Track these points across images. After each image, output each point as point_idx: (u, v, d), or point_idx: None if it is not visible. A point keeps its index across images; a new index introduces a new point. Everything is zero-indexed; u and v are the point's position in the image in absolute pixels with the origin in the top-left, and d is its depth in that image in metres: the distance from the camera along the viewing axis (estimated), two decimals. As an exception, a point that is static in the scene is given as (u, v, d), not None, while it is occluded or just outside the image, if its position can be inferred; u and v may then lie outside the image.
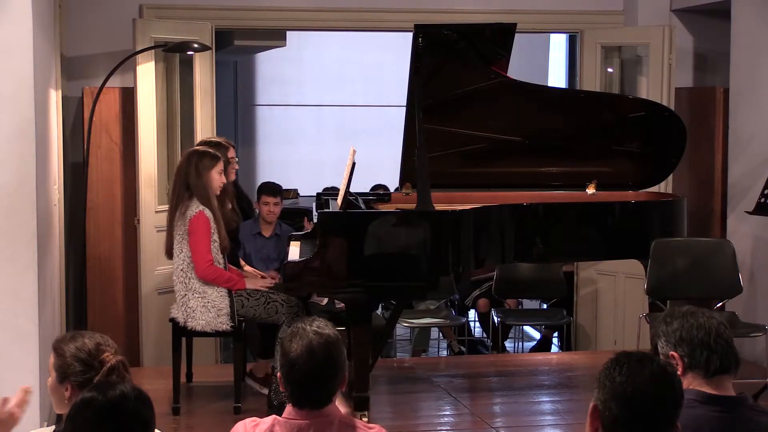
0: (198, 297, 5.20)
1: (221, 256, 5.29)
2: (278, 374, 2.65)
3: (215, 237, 5.22)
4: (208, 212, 5.19)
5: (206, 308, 5.19)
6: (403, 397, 5.82)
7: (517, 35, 5.42)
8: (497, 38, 5.45)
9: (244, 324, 5.30)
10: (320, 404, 2.61)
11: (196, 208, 5.19)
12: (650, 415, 2.24)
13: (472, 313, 7.94)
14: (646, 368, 2.26)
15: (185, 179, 5.26)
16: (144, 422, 2.29)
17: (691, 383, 2.67)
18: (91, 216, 6.63)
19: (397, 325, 6.14)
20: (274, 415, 2.65)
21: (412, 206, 5.21)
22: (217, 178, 5.28)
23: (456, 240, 5.04)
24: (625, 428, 2.23)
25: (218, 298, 5.21)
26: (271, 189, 6.63)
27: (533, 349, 7.80)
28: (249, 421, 2.69)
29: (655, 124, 5.94)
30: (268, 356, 5.62)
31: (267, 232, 6.60)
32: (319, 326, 2.63)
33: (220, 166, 5.31)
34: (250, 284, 5.30)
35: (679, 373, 2.69)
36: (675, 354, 2.69)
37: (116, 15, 6.73)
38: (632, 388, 2.23)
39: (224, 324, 5.20)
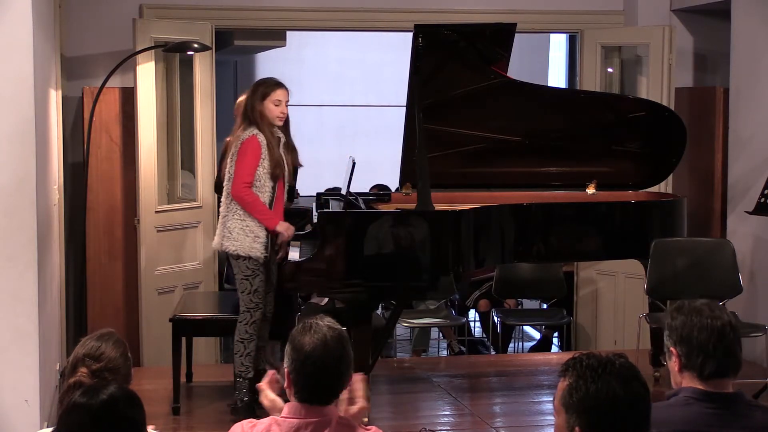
0: (238, 219, 5.16)
1: (270, 182, 5.18)
2: (285, 370, 2.64)
3: (265, 163, 5.13)
4: (261, 137, 5.14)
5: (244, 231, 5.14)
6: (403, 397, 5.82)
7: (517, 35, 5.43)
8: (497, 38, 5.45)
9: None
10: (329, 400, 2.61)
11: (250, 132, 5.15)
12: (636, 414, 2.23)
13: (472, 313, 7.94)
14: (613, 373, 2.23)
15: (250, 103, 5.21)
16: (134, 423, 2.30)
17: (689, 382, 2.67)
18: (91, 216, 6.62)
19: (397, 325, 6.14)
20: (272, 416, 2.65)
21: (412, 206, 5.21)
22: (271, 108, 5.19)
23: (456, 240, 5.04)
24: None
25: (257, 226, 5.16)
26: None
27: (533, 349, 7.80)
28: (246, 423, 2.69)
29: (655, 124, 5.94)
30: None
31: None
32: (330, 321, 2.66)
33: (276, 95, 5.21)
34: (281, 228, 5.18)
35: (676, 369, 2.69)
36: (674, 350, 2.69)
37: (116, 15, 6.73)
38: (617, 401, 2.20)
39: (258, 251, 5.12)
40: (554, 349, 7.88)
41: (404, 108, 5.37)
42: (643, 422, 2.25)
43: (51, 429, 2.63)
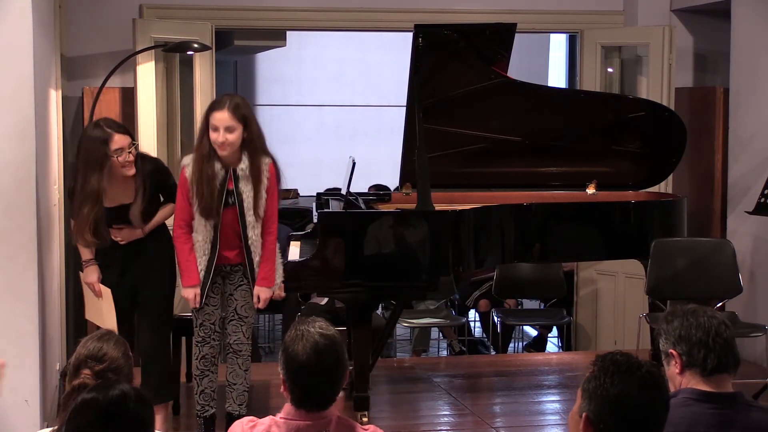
0: None
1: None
2: (281, 377, 2.64)
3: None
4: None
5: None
6: (403, 397, 5.82)
7: (517, 35, 5.42)
8: (497, 38, 5.45)
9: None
10: (326, 405, 2.61)
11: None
12: (645, 422, 2.25)
13: (472, 313, 7.95)
14: (636, 375, 2.25)
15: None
16: (143, 422, 2.30)
17: (689, 381, 2.68)
18: (91, 216, 6.61)
19: (397, 325, 6.14)
20: (271, 416, 2.65)
21: (412, 206, 5.21)
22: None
23: (456, 240, 5.04)
24: None
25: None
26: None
27: (528, 346, 7.80)
28: (246, 421, 2.69)
29: (655, 124, 5.94)
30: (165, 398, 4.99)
31: None
32: (322, 327, 2.63)
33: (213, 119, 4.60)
34: (185, 293, 4.76)
35: (677, 371, 2.70)
36: (674, 352, 2.70)
37: (116, 15, 6.73)
38: (628, 400, 2.23)
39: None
40: (552, 348, 7.88)
41: (404, 108, 5.37)
42: (658, 423, 2.26)
43: (51, 429, 2.63)
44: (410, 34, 5.17)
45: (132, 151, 4.69)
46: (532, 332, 8.18)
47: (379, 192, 6.54)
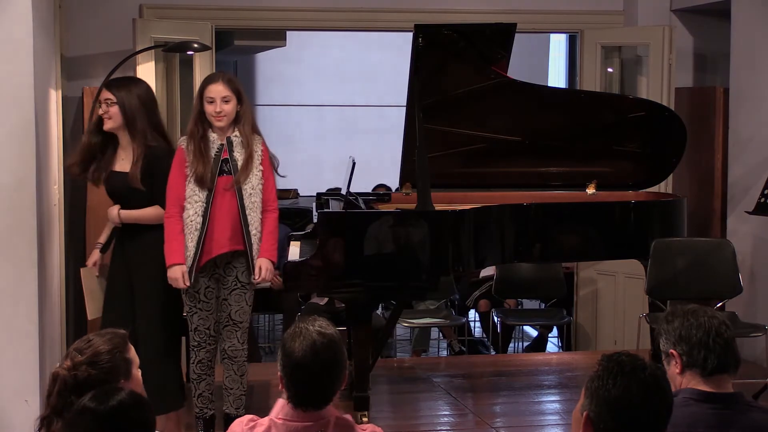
0: None
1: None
2: (279, 374, 2.64)
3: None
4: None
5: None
6: (403, 397, 5.82)
7: (517, 35, 5.42)
8: (497, 38, 5.45)
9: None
10: (323, 404, 2.61)
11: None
12: (645, 424, 2.25)
13: (472, 313, 7.95)
14: (639, 377, 2.25)
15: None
16: (144, 426, 2.29)
17: (690, 382, 2.68)
18: (91, 216, 6.61)
19: (397, 325, 6.14)
20: (270, 417, 2.64)
21: (412, 206, 5.21)
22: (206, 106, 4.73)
23: (456, 240, 5.04)
24: None
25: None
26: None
27: (528, 348, 7.80)
28: (246, 420, 2.68)
29: (655, 124, 5.94)
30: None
31: None
32: (321, 326, 2.63)
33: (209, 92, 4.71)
34: (170, 273, 4.67)
35: (677, 371, 2.70)
36: (674, 352, 2.71)
37: (116, 15, 6.73)
38: (628, 402, 2.23)
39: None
40: (551, 348, 7.88)
41: (404, 108, 5.37)
42: (659, 427, 2.26)
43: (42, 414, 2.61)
44: (410, 34, 5.16)
45: (105, 108, 4.75)
46: (532, 332, 8.19)
47: (381, 192, 6.54)
